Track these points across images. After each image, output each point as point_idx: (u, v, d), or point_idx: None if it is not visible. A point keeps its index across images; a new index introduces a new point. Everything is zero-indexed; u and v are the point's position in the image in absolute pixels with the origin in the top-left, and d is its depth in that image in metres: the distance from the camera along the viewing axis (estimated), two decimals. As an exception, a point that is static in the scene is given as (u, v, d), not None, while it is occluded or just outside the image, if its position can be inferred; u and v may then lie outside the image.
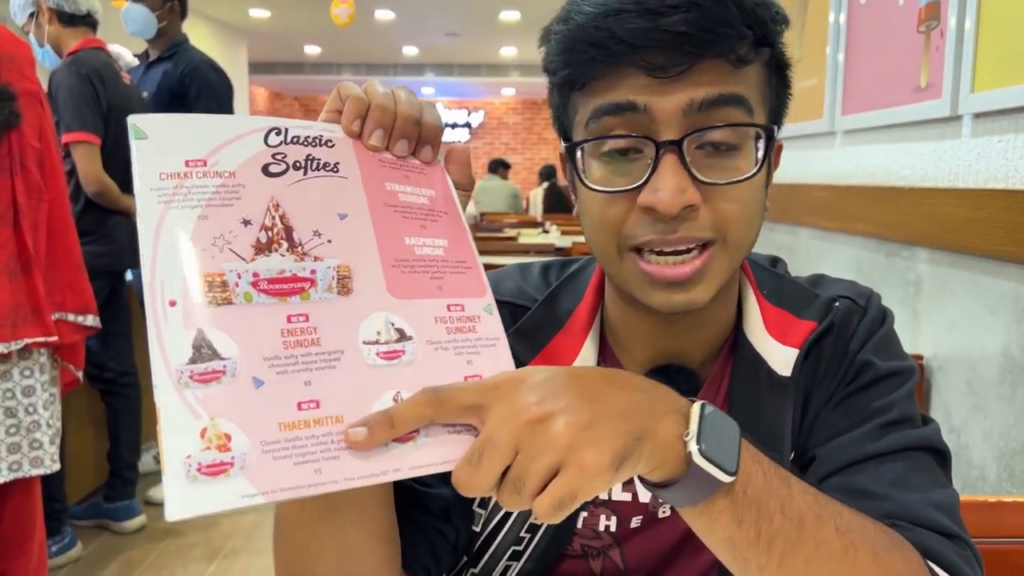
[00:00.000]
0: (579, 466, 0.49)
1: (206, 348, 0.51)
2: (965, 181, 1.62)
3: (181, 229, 0.54)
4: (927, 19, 1.76)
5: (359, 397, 0.54)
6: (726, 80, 0.64)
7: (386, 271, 0.59)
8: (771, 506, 0.56)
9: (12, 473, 1.84)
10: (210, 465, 0.49)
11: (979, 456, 1.56)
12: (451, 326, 0.60)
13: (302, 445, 0.51)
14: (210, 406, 0.50)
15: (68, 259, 2.00)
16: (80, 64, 2.66)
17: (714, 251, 0.66)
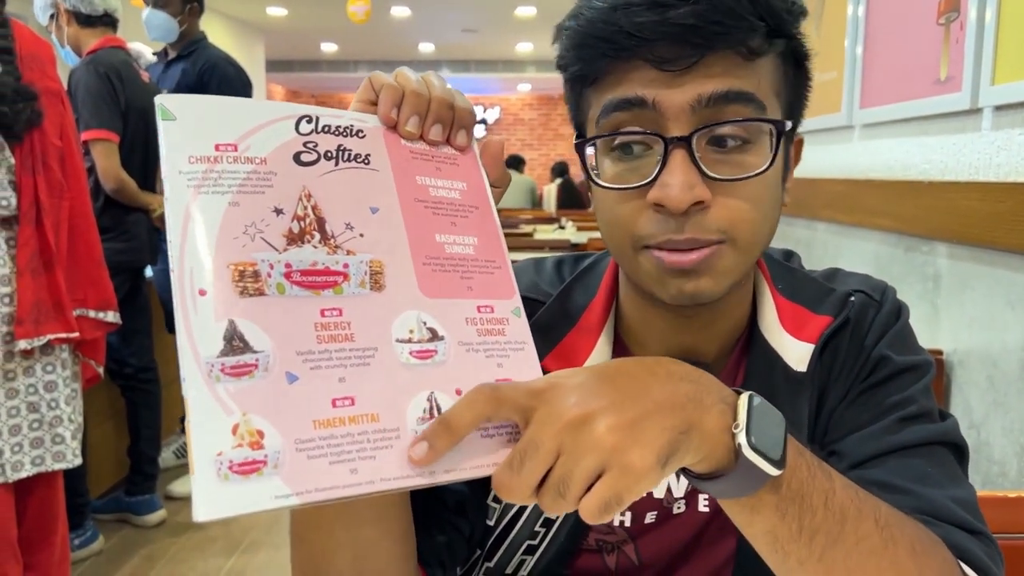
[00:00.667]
0: (624, 467, 0.48)
1: (238, 340, 0.49)
2: (985, 175, 1.61)
3: (211, 215, 0.52)
4: (947, 11, 1.75)
5: (394, 396, 0.52)
6: (736, 73, 0.63)
7: (417, 269, 0.58)
8: (815, 499, 0.55)
9: (35, 467, 1.86)
10: (242, 463, 0.46)
11: (1000, 452, 1.55)
12: (481, 328, 0.58)
13: (337, 444, 0.49)
14: (242, 401, 0.48)
15: (89, 256, 2.02)
16: (98, 63, 2.68)
17: (722, 248, 0.65)
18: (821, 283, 0.79)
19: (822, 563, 0.56)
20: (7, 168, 1.77)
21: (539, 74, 11.41)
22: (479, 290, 0.60)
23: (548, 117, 13.25)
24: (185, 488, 3.14)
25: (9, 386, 1.83)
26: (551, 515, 0.58)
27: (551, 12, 7.99)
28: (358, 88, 0.65)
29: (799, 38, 0.68)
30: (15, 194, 1.78)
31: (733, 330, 0.76)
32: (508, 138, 13.10)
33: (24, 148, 1.79)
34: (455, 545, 0.74)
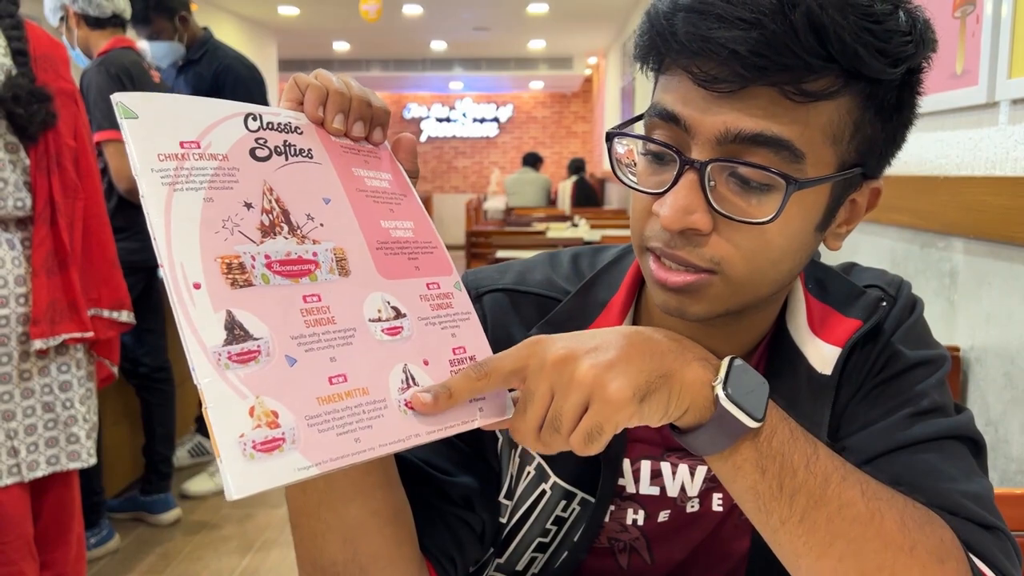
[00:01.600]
0: (604, 399, 0.55)
1: (238, 329, 0.52)
2: (1003, 169, 1.59)
3: (190, 211, 0.54)
4: (962, 4, 1.73)
5: (376, 370, 0.58)
6: (777, 113, 0.58)
7: (372, 253, 0.62)
8: (795, 460, 0.59)
9: (50, 467, 1.88)
10: (264, 442, 0.50)
11: (1018, 449, 1.53)
12: (433, 303, 0.64)
13: (340, 417, 0.54)
14: (253, 385, 0.51)
15: (103, 256, 2.03)
16: (109, 64, 2.70)
17: (712, 278, 0.63)
18: (852, 283, 0.77)
19: (803, 524, 0.58)
20: (22, 169, 1.78)
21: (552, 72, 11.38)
22: (425, 269, 0.65)
23: (561, 115, 13.23)
24: (200, 487, 3.16)
25: (24, 386, 1.84)
26: (552, 452, 0.60)
27: (563, 9, 7.97)
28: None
29: (895, 83, 0.61)
30: (30, 195, 1.79)
31: (756, 335, 0.75)
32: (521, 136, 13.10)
33: (39, 149, 1.80)
34: (465, 541, 0.74)
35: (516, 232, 5.48)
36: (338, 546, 0.64)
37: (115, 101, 0.54)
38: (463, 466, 0.75)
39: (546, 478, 0.77)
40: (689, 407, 0.58)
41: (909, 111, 0.65)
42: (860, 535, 0.58)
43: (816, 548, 0.59)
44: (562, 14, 8.18)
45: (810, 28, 0.56)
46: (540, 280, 0.80)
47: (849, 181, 0.64)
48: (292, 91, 0.64)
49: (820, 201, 0.63)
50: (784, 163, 0.59)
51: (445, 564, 0.72)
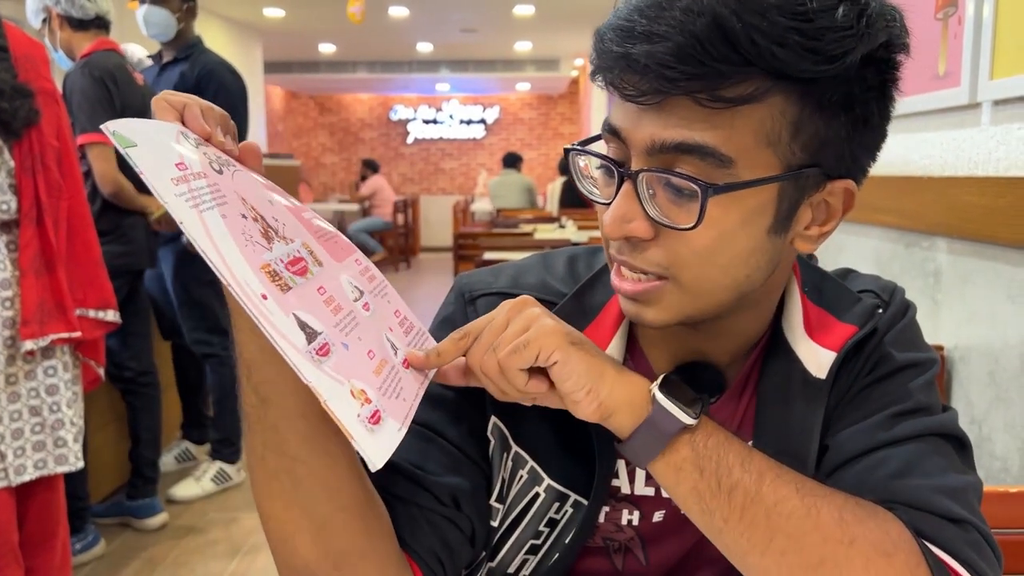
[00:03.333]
0: (539, 325, 0.64)
1: (308, 328, 0.56)
2: (985, 169, 1.60)
3: (220, 229, 0.56)
4: (945, 6, 1.74)
5: (379, 341, 0.64)
6: (698, 121, 0.59)
7: (319, 242, 0.65)
8: (731, 459, 0.63)
9: (38, 471, 1.86)
10: (371, 416, 0.57)
11: (1002, 447, 1.54)
12: (366, 277, 0.69)
13: (389, 383, 0.61)
14: (342, 372, 0.57)
15: (88, 256, 2.02)
16: (92, 66, 2.67)
17: (667, 285, 0.65)
18: (847, 288, 0.78)
19: (743, 521, 0.62)
20: (7, 172, 1.77)
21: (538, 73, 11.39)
22: (344, 249, 0.69)
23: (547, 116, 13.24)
24: (186, 492, 3.14)
25: (11, 390, 1.83)
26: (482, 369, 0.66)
27: (550, 11, 7.98)
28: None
29: (838, 79, 0.59)
30: (15, 198, 1.78)
31: (748, 339, 0.75)
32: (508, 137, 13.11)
33: (23, 148, 1.79)
34: (453, 541, 0.73)
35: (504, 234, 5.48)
36: (308, 546, 0.64)
37: (108, 131, 0.55)
38: (451, 468, 0.75)
39: (539, 481, 0.77)
40: (628, 403, 0.64)
41: (865, 107, 0.62)
42: (798, 529, 0.61)
43: (759, 544, 0.62)
44: (548, 16, 8.19)
45: (718, 35, 0.55)
46: (534, 283, 0.80)
47: (802, 182, 0.63)
48: (167, 111, 0.63)
49: (766, 204, 0.62)
50: (711, 169, 0.59)
51: (431, 564, 0.71)
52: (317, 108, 13.46)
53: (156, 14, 3.06)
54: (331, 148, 13.48)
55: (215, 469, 3.22)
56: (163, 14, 3.06)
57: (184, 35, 3.16)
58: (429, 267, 10.71)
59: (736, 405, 0.76)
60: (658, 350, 0.77)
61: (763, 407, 0.74)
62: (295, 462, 0.63)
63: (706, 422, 0.65)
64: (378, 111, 13.33)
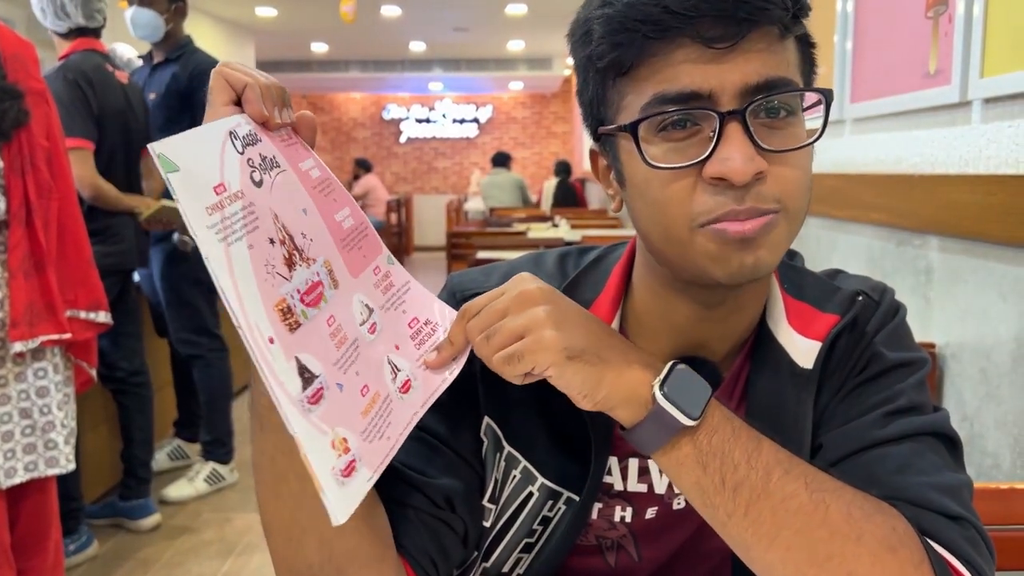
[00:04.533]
0: (536, 337, 0.63)
1: (307, 372, 0.56)
2: (976, 167, 1.61)
3: (244, 265, 0.55)
4: (935, 5, 1.75)
5: (377, 371, 0.62)
6: (776, 51, 0.64)
7: (343, 255, 0.63)
8: (736, 456, 0.62)
9: (28, 473, 1.86)
10: (345, 468, 0.56)
11: (993, 444, 1.55)
12: (382, 288, 0.66)
13: (375, 423, 0.60)
14: (328, 420, 0.56)
15: (78, 256, 2.01)
16: (67, 69, 2.66)
17: (777, 217, 0.65)
18: (827, 281, 0.79)
19: (748, 517, 0.61)
20: (-5, 172, 1.76)
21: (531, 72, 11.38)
22: (369, 255, 0.66)
23: (540, 115, 13.23)
24: (179, 492, 3.13)
25: (1, 392, 1.82)
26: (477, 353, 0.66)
27: (542, 10, 7.98)
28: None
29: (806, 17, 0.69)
30: (4, 198, 1.77)
31: (746, 328, 0.76)
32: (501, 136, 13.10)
33: (12, 148, 1.78)
34: (447, 542, 0.74)
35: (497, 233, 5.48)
36: (314, 548, 0.64)
37: (155, 153, 0.54)
38: (445, 469, 0.75)
39: (533, 480, 0.77)
40: (627, 401, 0.63)
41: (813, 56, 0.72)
42: (805, 525, 0.60)
43: (764, 539, 0.61)
44: (541, 15, 8.19)
45: None
46: None
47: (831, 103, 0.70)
48: (224, 91, 0.61)
49: (825, 120, 0.68)
50: (790, 99, 0.65)
51: (424, 565, 0.71)
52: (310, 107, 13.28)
53: (143, 16, 3.04)
54: (324, 147, 13.45)
55: (208, 470, 3.21)
56: (150, 15, 3.04)
57: (174, 35, 3.14)
58: (423, 266, 10.70)
59: (728, 401, 0.77)
60: (654, 345, 0.77)
61: (754, 401, 0.74)
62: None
63: (711, 417, 0.64)
64: (371, 110, 13.31)
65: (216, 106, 0.61)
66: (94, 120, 2.69)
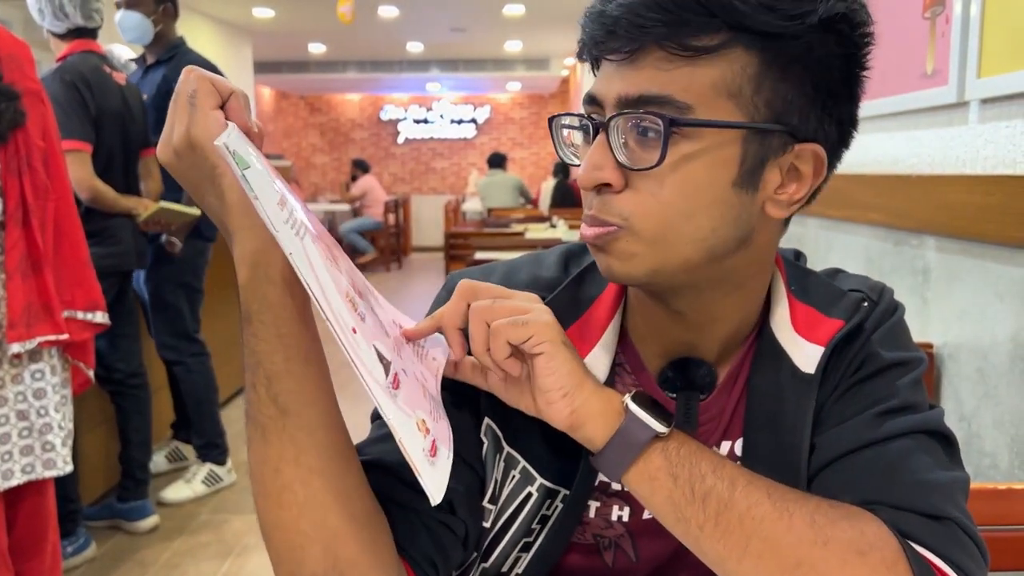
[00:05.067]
0: (540, 313, 0.66)
1: (384, 359, 0.58)
2: (973, 168, 1.61)
3: (317, 257, 0.57)
4: (932, 5, 1.75)
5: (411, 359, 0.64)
6: (661, 74, 0.62)
7: (320, 247, 0.60)
8: (703, 467, 0.64)
9: (25, 475, 1.85)
10: (430, 448, 0.59)
11: (991, 444, 1.55)
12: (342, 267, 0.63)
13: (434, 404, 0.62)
14: (409, 404, 0.59)
15: (75, 257, 2.01)
16: (65, 71, 2.65)
17: (621, 232, 0.66)
18: (833, 285, 0.78)
19: (719, 527, 0.63)
20: (-9, 174, 1.76)
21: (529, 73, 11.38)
22: (324, 238, 0.62)
23: (538, 116, 13.23)
24: (177, 494, 3.13)
25: (-3, 393, 1.81)
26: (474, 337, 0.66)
27: (540, 10, 7.98)
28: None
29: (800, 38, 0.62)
30: (0, 199, 1.77)
31: (736, 332, 0.76)
32: (499, 137, 13.09)
33: (9, 149, 1.78)
34: (447, 543, 0.74)
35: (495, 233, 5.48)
36: (318, 556, 0.64)
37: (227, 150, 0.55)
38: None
39: (532, 480, 0.77)
40: (602, 413, 0.66)
41: (828, 73, 0.65)
42: (772, 532, 0.62)
43: (735, 549, 0.63)
44: (539, 15, 8.18)
45: None
46: (525, 279, 0.80)
47: (767, 140, 0.65)
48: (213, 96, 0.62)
49: (729, 155, 0.64)
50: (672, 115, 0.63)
51: (425, 567, 0.71)
52: (307, 108, 13.42)
53: (129, 18, 3.03)
54: (321, 148, 13.44)
55: (205, 471, 3.21)
56: (136, 18, 3.03)
57: (165, 36, 3.13)
58: (420, 267, 10.70)
59: (726, 401, 0.77)
60: (648, 344, 0.77)
61: (753, 402, 0.74)
62: (311, 473, 0.63)
63: (677, 432, 0.66)
64: (368, 111, 13.30)
65: (205, 110, 0.61)
66: (92, 122, 2.68)
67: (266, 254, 0.61)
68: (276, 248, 0.57)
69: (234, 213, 0.62)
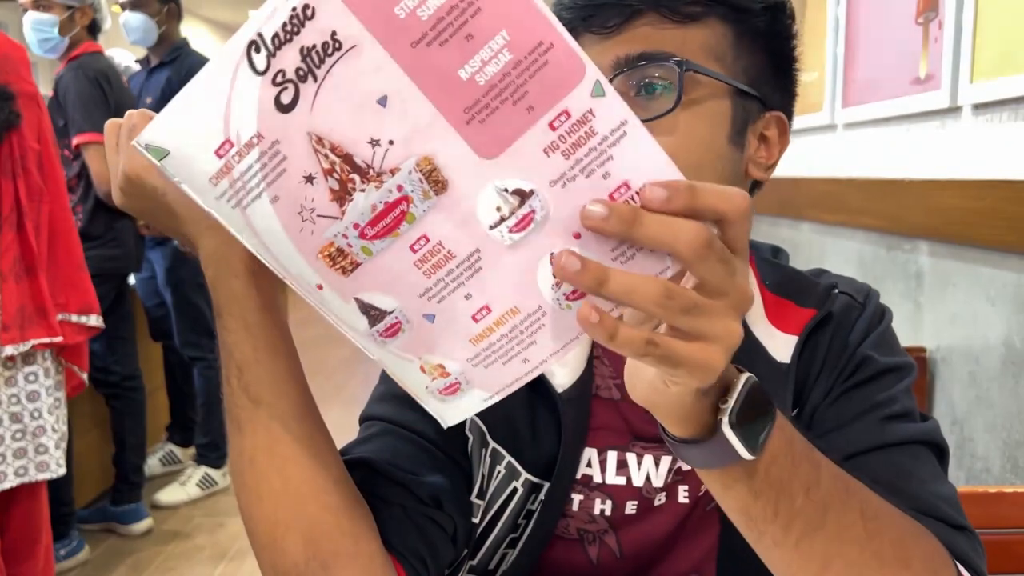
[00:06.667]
0: (726, 335, 0.46)
1: (373, 310, 0.52)
2: (965, 172, 1.62)
3: (269, 222, 0.50)
4: (925, 10, 1.76)
5: (520, 281, 0.49)
6: (659, 36, 0.66)
7: (463, 133, 0.46)
8: (794, 488, 0.56)
9: (18, 478, 1.85)
10: (445, 389, 0.54)
11: (983, 448, 1.56)
12: (566, 148, 0.45)
13: (499, 347, 0.52)
14: (412, 350, 0.53)
15: (69, 260, 2.01)
16: (86, 67, 2.68)
17: None
18: (806, 277, 0.80)
19: (798, 549, 0.57)
20: (-15, 176, 1.76)
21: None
22: (540, 99, 0.44)
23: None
24: (171, 497, 3.12)
25: (-9, 396, 1.81)
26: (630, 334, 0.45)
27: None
28: None
29: (751, 9, 0.69)
30: (-6, 202, 1.77)
31: None
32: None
33: (3, 151, 1.78)
34: (436, 540, 0.74)
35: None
36: (300, 547, 0.64)
37: (140, 147, 0.50)
38: (431, 467, 0.75)
39: (517, 476, 0.77)
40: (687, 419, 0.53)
41: (784, 40, 0.72)
42: (858, 557, 0.58)
43: (812, 568, 0.58)
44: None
45: None
46: None
47: (748, 104, 0.69)
48: None
49: (723, 110, 0.68)
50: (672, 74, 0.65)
51: (415, 564, 0.71)
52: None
53: (134, 19, 3.04)
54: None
55: (200, 474, 3.20)
56: (141, 19, 3.03)
57: (168, 38, 3.14)
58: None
59: None
60: None
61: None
62: (287, 462, 0.63)
63: (771, 446, 0.54)
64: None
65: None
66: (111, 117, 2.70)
67: (227, 249, 0.62)
68: (235, 242, 0.54)
69: (188, 221, 0.63)
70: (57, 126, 2.60)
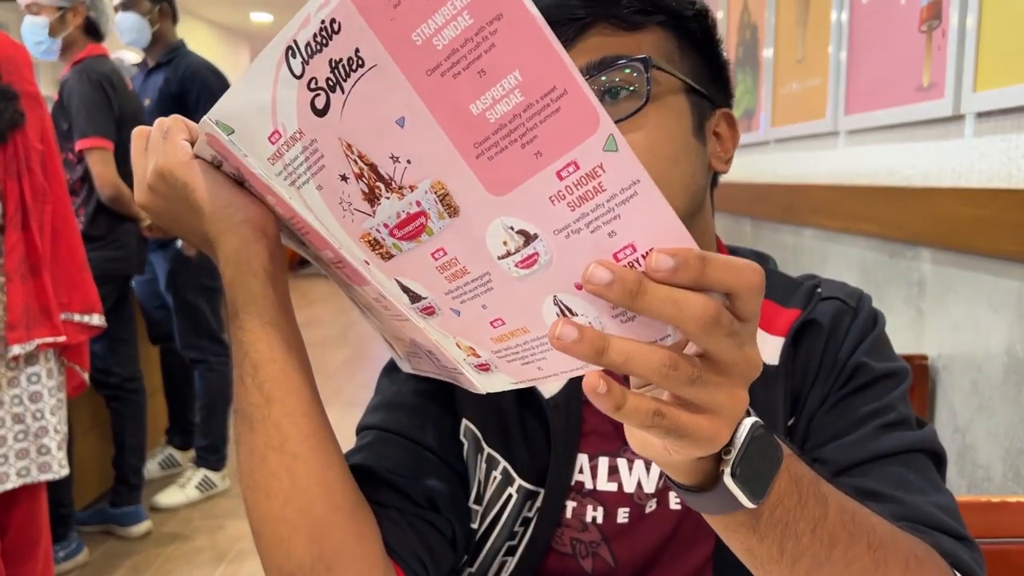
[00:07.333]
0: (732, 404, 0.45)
1: (411, 292, 0.56)
2: (968, 180, 1.62)
3: (318, 202, 0.54)
4: (929, 18, 1.76)
5: (527, 308, 0.49)
6: (617, 42, 0.68)
7: (473, 167, 0.45)
8: (800, 527, 0.54)
9: (21, 479, 1.85)
10: (479, 366, 0.58)
11: (985, 456, 1.56)
12: (572, 199, 0.43)
13: (517, 351, 0.53)
14: (447, 329, 0.57)
15: (72, 259, 2.01)
16: (90, 71, 2.68)
17: None
18: (791, 279, 0.81)
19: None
20: (-9, 176, 1.76)
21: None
22: (549, 146, 0.42)
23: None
24: (171, 499, 3.12)
25: (-7, 397, 1.81)
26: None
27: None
28: None
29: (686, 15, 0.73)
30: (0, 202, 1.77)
31: None
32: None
33: (8, 151, 1.78)
34: (435, 544, 0.74)
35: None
36: (305, 547, 0.65)
37: (211, 122, 0.54)
38: (427, 472, 0.76)
39: (511, 482, 0.78)
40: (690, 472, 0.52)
41: (715, 43, 0.76)
42: None
43: None
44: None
45: None
46: None
47: (702, 103, 0.73)
48: (183, 131, 0.65)
49: (683, 107, 0.71)
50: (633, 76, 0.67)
51: (414, 566, 0.72)
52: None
53: (126, 19, 3.03)
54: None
55: (200, 476, 3.20)
56: (133, 18, 3.03)
57: (163, 38, 3.13)
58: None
59: None
60: None
61: None
62: (296, 460, 0.64)
63: (776, 488, 0.53)
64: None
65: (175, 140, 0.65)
66: (114, 121, 2.71)
67: (247, 250, 0.63)
68: (256, 243, 0.61)
69: (212, 219, 0.63)
70: (61, 130, 2.60)
